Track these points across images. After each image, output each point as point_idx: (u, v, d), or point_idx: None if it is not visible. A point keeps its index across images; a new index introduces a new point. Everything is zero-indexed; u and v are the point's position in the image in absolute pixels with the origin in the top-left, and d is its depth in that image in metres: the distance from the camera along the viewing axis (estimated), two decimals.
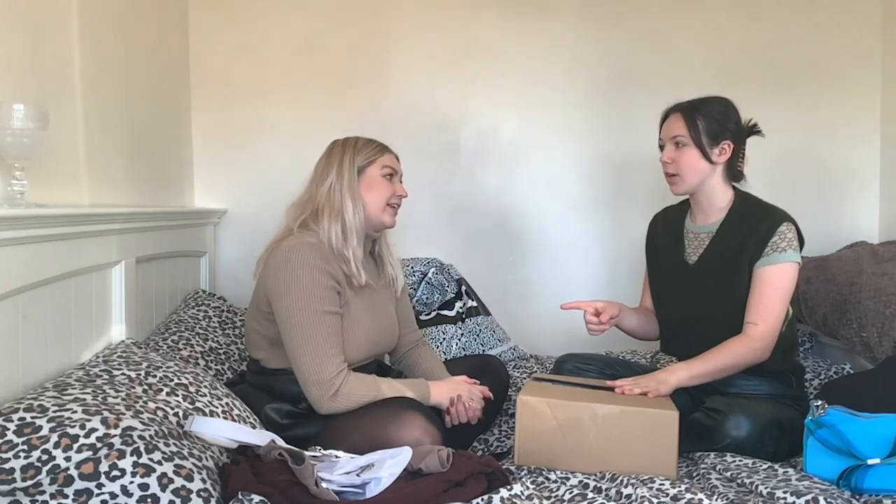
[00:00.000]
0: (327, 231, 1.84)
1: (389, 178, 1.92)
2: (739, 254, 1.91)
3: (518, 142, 2.93)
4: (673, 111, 2.00)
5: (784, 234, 1.89)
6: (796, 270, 1.90)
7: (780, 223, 1.90)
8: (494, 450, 1.94)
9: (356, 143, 1.92)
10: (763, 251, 1.88)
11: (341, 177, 1.87)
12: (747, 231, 1.92)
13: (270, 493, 1.30)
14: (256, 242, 2.04)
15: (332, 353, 1.73)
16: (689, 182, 1.97)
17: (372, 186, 1.89)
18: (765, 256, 1.88)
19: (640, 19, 2.88)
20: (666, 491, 1.44)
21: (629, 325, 2.11)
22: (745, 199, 1.99)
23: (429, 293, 2.67)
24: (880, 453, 1.51)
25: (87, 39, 1.90)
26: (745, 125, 1.98)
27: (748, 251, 1.90)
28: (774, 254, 1.88)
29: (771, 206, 1.96)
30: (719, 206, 1.99)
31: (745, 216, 1.95)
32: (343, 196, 1.86)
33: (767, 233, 1.89)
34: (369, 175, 1.90)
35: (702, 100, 1.98)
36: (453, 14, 2.88)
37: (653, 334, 2.16)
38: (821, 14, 2.87)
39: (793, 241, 1.89)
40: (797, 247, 1.90)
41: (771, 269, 1.87)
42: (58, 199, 1.74)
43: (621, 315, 2.06)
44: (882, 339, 2.13)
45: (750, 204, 1.98)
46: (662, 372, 1.87)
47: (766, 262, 1.88)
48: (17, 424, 1.23)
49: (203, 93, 2.84)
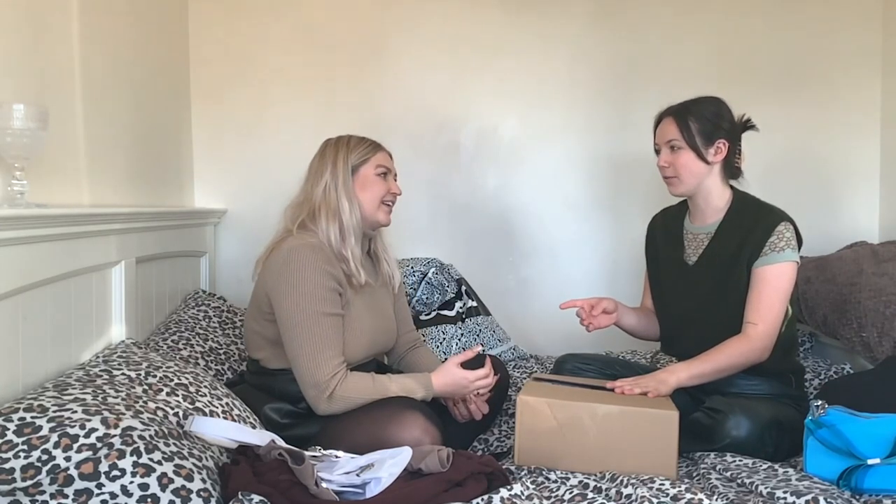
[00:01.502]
0: (325, 231, 1.84)
1: (383, 177, 1.92)
2: (738, 254, 1.91)
3: (518, 141, 2.93)
4: (665, 115, 2.00)
5: (782, 234, 1.89)
6: (795, 270, 1.90)
7: (778, 223, 1.90)
8: (494, 450, 1.94)
9: (349, 141, 1.92)
10: (761, 251, 1.88)
11: (336, 176, 1.87)
12: (745, 231, 1.92)
13: (270, 493, 1.30)
14: (256, 242, 2.04)
15: (330, 354, 1.73)
16: (688, 184, 1.97)
17: (366, 185, 1.89)
18: (763, 256, 1.88)
19: (640, 18, 2.88)
20: (666, 491, 1.44)
21: (628, 324, 2.11)
22: (743, 199, 2.00)
23: (429, 293, 2.67)
24: (880, 453, 1.51)
25: (87, 39, 1.90)
26: (738, 121, 1.98)
27: (746, 251, 1.90)
28: (773, 253, 1.88)
29: (768, 206, 1.97)
30: (717, 206, 1.99)
31: (743, 216, 1.95)
32: (339, 196, 1.86)
33: (765, 233, 1.89)
34: (363, 174, 1.89)
35: (693, 101, 1.98)
36: (455, 11, 2.88)
37: (653, 334, 2.16)
38: (821, 14, 2.86)
39: (791, 240, 1.89)
40: (795, 246, 1.90)
41: (769, 269, 1.88)
42: (58, 199, 1.74)
43: (619, 313, 2.06)
44: (882, 339, 2.13)
45: (748, 204, 1.98)
46: (662, 372, 1.87)
47: (764, 261, 1.88)
48: (17, 424, 1.23)
49: (203, 93, 2.84)
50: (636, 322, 2.12)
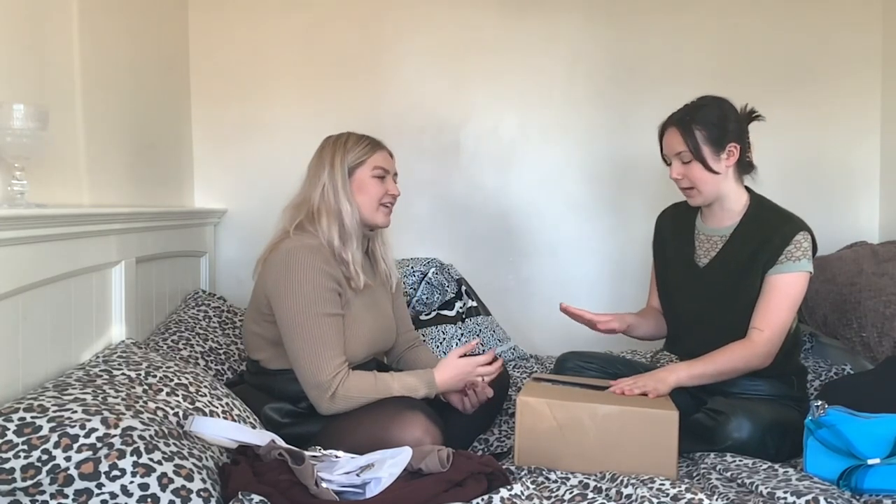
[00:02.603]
0: (327, 233, 1.83)
1: (381, 179, 1.89)
2: (753, 260, 1.89)
3: (518, 141, 2.93)
4: (668, 126, 1.95)
5: (800, 244, 1.86)
6: (807, 280, 1.88)
7: (797, 232, 1.87)
8: (494, 450, 1.94)
9: (346, 141, 1.90)
10: (777, 259, 1.86)
11: (333, 178, 1.86)
12: (763, 238, 1.89)
13: (270, 493, 1.30)
14: (256, 242, 2.04)
15: (331, 354, 1.73)
16: (707, 193, 1.93)
17: (363, 188, 1.88)
18: (778, 264, 1.86)
19: (640, 19, 2.88)
20: (666, 491, 1.44)
21: (641, 334, 2.11)
22: (760, 204, 1.96)
23: (429, 293, 2.67)
24: (880, 453, 1.51)
25: (87, 39, 1.90)
26: (743, 115, 1.93)
27: (763, 258, 1.87)
28: (788, 262, 1.86)
29: (787, 213, 1.93)
30: (734, 210, 1.96)
31: (761, 222, 1.92)
32: (338, 198, 1.85)
33: (783, 241, 1.86)
34: (359, 177, 1.88)
35: (695, 106, 1.93)
36: (455, 12, 2.88)
37: (664, 334, 2.15)
38: (821, 14, 2.86)
39: (807, 250, 1.87)
40: (811, 257, 1.88)
41: (782, 278, 1.86)
42: (58, 199, 1.74)
43: (630, 328, 2.07)
44: (882, 339, 2.13)
45: (765, 209, 1.95)
46: (662, 370, 1.86)
47: (778, 269, 1.86)
48: (17, 424, 1.23)
49: (203, 92, 2.84)
50: (646, 331, 2.11)
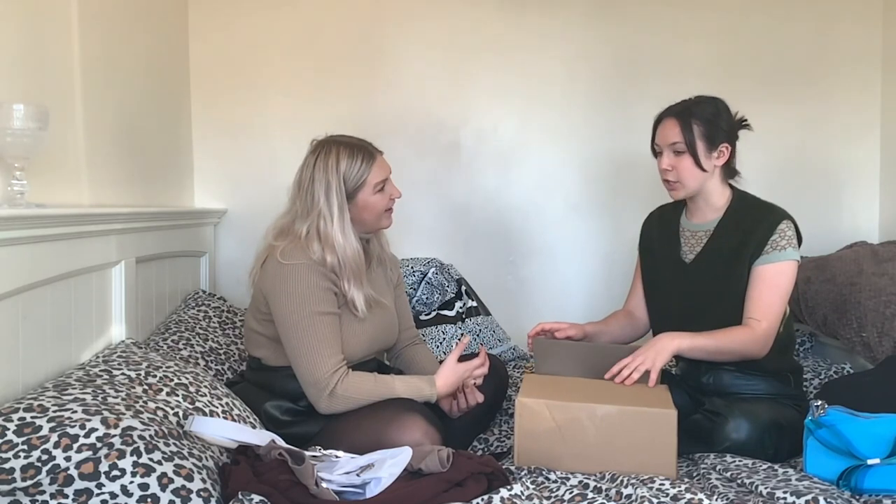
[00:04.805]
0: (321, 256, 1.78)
1: (382, 190, 1.87)
2: (739, 252, 1.90)
3: (518, 141, 2.93)
4: (666, 115, 1.96)
5: (784, 233, 1.88)
6: (795, 268, 1.90)
7: (780, 221, 1.89)
8: (494, 450, 1.94)
9: (338, 159, 1.80)
10: (763, 249, 1.88)
11: (330, 207, 1.79)
12: (747, 229, 1.91)
13: (270, 493, 1.30)
14: (256, 242, 2.02)
15: (329, 353, 1.73)
16: (690, 188, 1.95)
17: (367, 207, 1.84)
18: (765, 255, 1.88)
19: (639, 18, 2.88)
20: (666, 491, 1.44)
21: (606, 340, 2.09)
22: (743, 198, 1.99)
23: (429, 293, 2.67)
24: (880, 453, 1.51)
25: (87, 39, 1.90)
26: (734, 121, 1.95)
27: (748, 249, 1.89)
28: (774, 252, 1.87)
29: (769, 204, 1.96)
30: (717, 205, 1.98)
31: (744, 214, 1.94)
32: (334, 231, 1.78)
33: (768, 231, 1.88)
34: (362, 200, 1.83)
35: (695, 102, 1.95)
36: (454, 12, 2.88)
37: (631, 338, 2.14)
38: (821, 13, 2.86)
39: (792, 239, 1.89)
40: (796, 245, 1.90)
41: (770, 268, 1.87)
42: (58, 199, 1.74)
43: (588, 336, 2.04)
44: (882, 339, 2.13)
45: (748, 202, 1.98)
46: (663, 338, 1.82)
47: (765, 260, 1.88)
48: (17, 424, 1.23)
49: (203, 92, 2.84)
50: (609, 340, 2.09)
